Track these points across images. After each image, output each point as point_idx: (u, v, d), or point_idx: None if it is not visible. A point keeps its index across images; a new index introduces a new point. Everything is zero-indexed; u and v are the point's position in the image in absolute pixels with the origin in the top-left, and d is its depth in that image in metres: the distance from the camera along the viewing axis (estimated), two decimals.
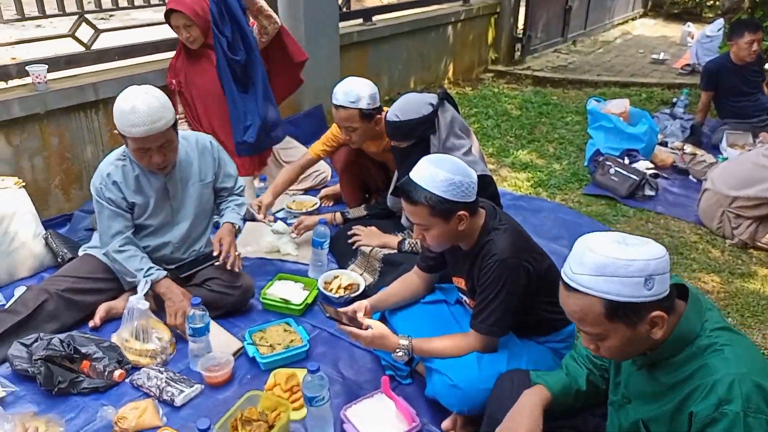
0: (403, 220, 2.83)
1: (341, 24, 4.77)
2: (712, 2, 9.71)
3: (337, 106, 2.74)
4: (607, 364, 1.59)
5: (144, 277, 2.34)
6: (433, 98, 2.47)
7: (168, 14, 3.15)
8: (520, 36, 7.19)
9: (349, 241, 2.86)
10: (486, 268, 1.84)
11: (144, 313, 2.26)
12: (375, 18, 5.30)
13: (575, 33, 8.28)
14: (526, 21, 7.09)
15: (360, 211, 3.02)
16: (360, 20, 5.19)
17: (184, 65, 3.35)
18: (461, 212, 1.81)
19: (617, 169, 3.80)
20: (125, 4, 3.62)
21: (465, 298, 2.11)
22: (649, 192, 3.74)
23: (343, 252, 2.90)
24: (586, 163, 4.20)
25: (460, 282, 2.07)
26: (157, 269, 2.40)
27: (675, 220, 3.54)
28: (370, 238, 2.81)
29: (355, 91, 2.71)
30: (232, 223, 2.57)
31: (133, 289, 2.43)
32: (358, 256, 2.83)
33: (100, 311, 2.46)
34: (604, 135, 4.24)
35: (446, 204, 1.79)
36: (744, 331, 2.50)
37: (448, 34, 6.21)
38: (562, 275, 1.31)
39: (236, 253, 2.50)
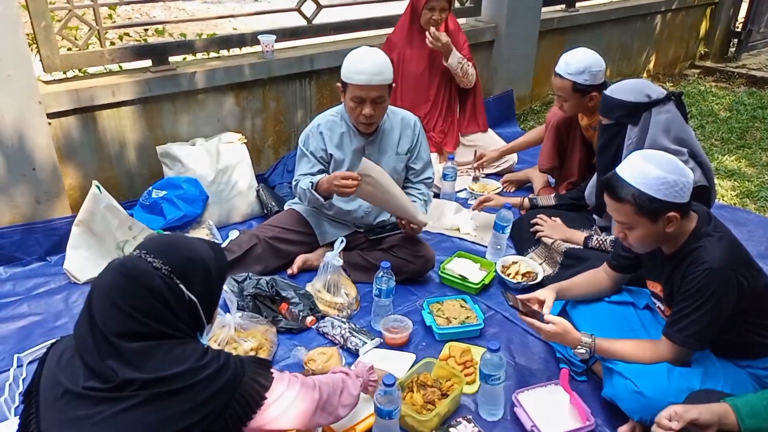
0: (599, 220, 2.72)
1: (543, 9, 4.67)
2: None
3: (556, 73, 2.74)
4: None
5: (309, 186, 2.54)
6: (657, 92, 2.30)
7: None
8: (739, 30, 6.48)
9: (531, 230, 2.83)
10: (692, 276, 1.72)
11: (337, 269, 2.46)
12: (578, 4, 5.10)
13: None
14: (748, 13, 6.37)
15: (549, 200, 2.96)
16: (563, 6, 5.03)
17: (403, 42, 3.45)
18: (672, 213, 1.71)
19: None
20: None
21: (659, 304, 2.00)
22: None
23: (523, 239, 2.88)
24: None
25: (655, 287, 1.97)
26: (316, 178, 2.57)
27: None
28: (552, 231, 2.74)
29: (576, 63, 2.67)
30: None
31: (329, 245, 2.66)
32: (539, 245, 2.79)
33: (298, 261, 2.72)
34: None
35: (655, 203, 1.69)
36: None
37: (655, 24, 5.79)
38: None
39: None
